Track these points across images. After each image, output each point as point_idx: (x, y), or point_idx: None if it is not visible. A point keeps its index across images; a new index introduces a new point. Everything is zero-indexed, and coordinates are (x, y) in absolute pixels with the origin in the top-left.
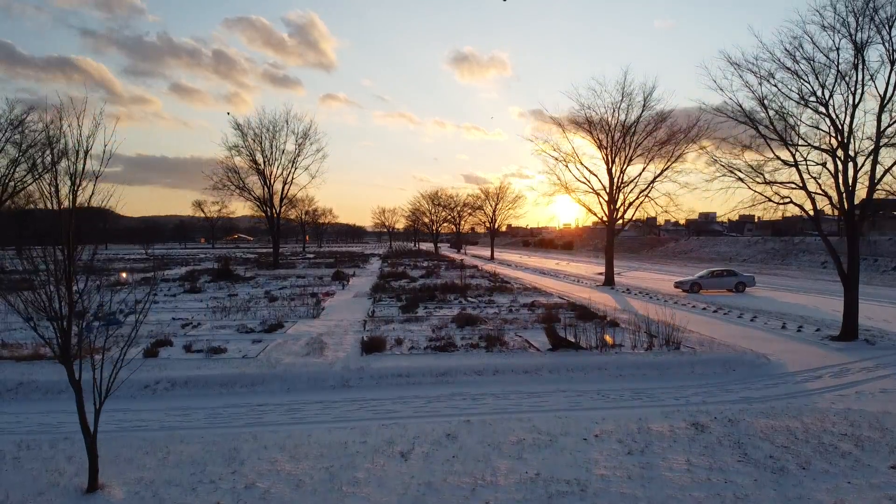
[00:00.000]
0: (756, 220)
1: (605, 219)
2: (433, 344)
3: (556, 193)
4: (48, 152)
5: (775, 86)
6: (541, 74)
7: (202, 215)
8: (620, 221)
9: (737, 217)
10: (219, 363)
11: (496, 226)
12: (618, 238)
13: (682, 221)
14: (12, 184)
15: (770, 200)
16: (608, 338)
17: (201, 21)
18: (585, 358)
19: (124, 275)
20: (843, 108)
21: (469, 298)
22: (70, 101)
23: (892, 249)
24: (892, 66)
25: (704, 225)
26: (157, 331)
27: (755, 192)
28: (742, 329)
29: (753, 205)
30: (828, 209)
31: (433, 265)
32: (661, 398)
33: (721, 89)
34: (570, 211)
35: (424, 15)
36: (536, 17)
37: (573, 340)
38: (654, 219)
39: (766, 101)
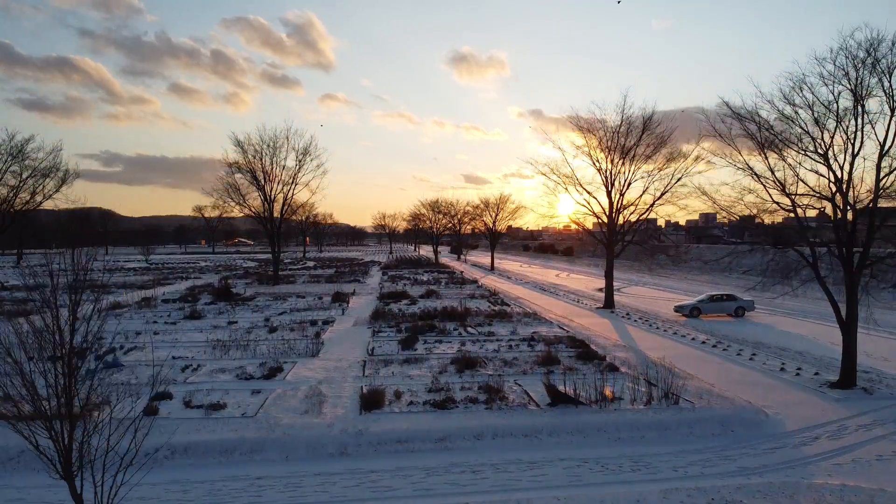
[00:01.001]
0: (756, 224)
1: (605, 242)
2: (432, 398)
3: (554, 216)
4: (48, 181)
5: (774, 135)
6: (540, 74)
7: (203, 217)
8: (620, 245)
9: (737, 218)
10: (218, 424)
11: (495, 231)
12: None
13: (682, 222)
14: (13, 211)
15: (769, 245)
16: (608, 392)
17: (199, 21)
18: (585, 416)
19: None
20: (843, 157)
21: (469, 329)
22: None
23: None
24: (892, 113)
25: (704, 229)
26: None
27: (755, 236)
28: (741, 370)
29: (752, 248)
30: (827, 221)
31: (433, 279)
32: (660, 469)
33: (720, 135)
34: (571, 211)
35: (422, 15)
36: (535, 17)
37: (572, 396)
38: (655, 220)
39: (764, 148)
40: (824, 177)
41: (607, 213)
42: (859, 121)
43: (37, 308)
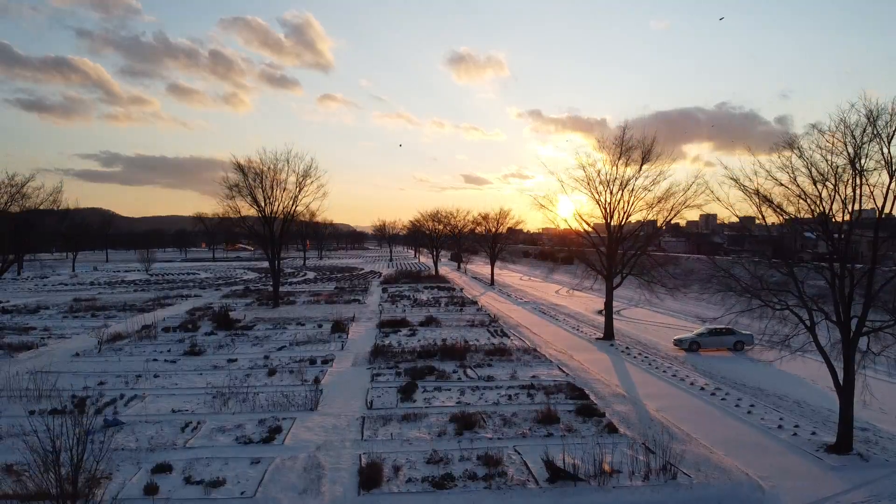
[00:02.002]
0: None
1: (604, 273)
2: (431, 474)
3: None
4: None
5: (772, 203)
6: (538, 75)
7: (203, 224)
8: (619, 277)
9: (737, 219)
10: None
11: (495, 245)
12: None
13: (682, 223)
14: (12, 257)
15: (767, 305)
16: (606, 466)
17: (197, 21)
18: (584, 497)
19: None
20: (840, 216)
21: (468, 371)
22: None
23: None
24: (890, 180)
25: (705, 237)
26: (157, 436)
27: (753, 297)
28: (739, 428)
29: (750, 309)
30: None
31: (433, 299)
32: None
33: (717, 199)
34: (571, 211)
35: (418, 15)
36: (531, 18)
37: (571, 472)
38: (655, 222)
39: (763, 213)
40: (820, 233)
41: (606, 245)
42: (857, 192)
43: (39, 341)
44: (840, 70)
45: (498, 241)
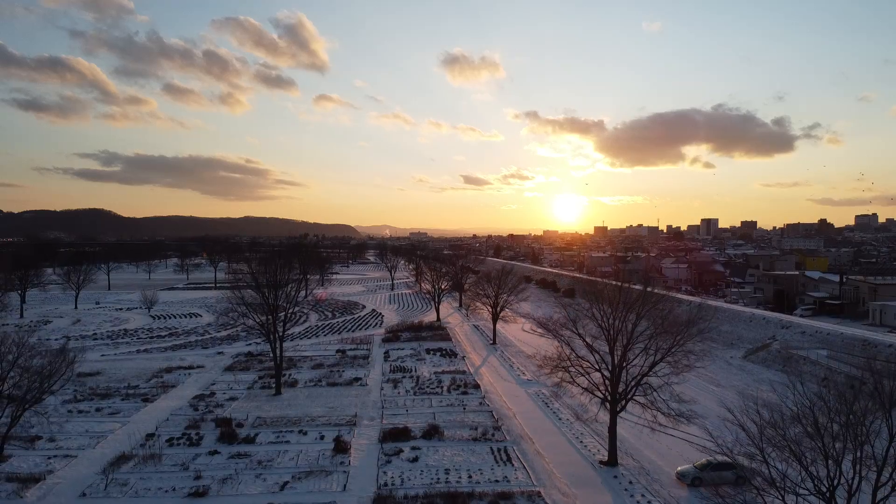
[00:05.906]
0: (759, 268)
1: (607, 399)
2: None
3: (561, 378)
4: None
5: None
6: (534, 76)
7: (207, 242)
8: (622, 403)
9: (739, 222)
10: None
11: (497, 303)
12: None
13: (683, 227)
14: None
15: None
16: None
17: (190, 21)
18: None
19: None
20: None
21: None
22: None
23: None
24: (891, 441)
25: (708, 264)
26: None
27: None
28: None
29: None
30: None
31: (435, 379)
32: None
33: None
34: (572, 213)
35: (408, 16)
36: (525, 19)
37: None
38: (656, 228)
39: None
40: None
41: (609, 370)
42: (858, 466)
43: (45, 466)
44: (837, 71)
45: (500, 307)
